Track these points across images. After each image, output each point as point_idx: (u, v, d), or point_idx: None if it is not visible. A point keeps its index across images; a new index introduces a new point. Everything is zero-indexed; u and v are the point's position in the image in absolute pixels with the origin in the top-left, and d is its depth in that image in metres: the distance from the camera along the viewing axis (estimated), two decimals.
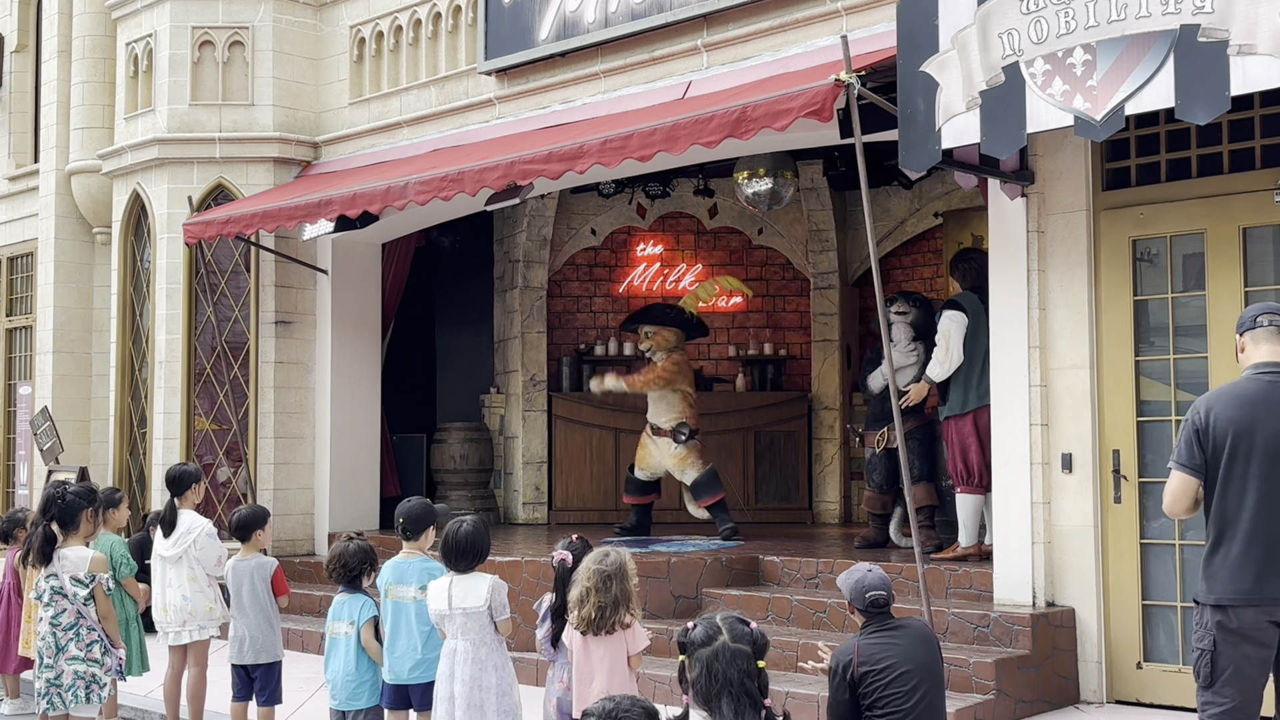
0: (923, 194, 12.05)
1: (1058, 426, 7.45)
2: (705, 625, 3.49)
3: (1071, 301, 7.42)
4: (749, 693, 3.39)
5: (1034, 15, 6.31)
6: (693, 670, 3.44)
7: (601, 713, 3.06)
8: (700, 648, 3.44)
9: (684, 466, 10.57)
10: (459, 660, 5.58)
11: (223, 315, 11.58)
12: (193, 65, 11.68)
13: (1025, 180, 7.49)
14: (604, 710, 3.06)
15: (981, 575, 7.84)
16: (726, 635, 3.44)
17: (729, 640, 3.42)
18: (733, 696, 3.37)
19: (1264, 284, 6.89)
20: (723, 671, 3.37)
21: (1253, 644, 4.54)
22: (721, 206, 12.87)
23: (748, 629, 3.48)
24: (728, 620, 3.50)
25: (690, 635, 3.50)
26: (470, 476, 12.69)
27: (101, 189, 13.06)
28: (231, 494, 11.47)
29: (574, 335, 13.08)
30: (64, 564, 6.52)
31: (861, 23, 8.12)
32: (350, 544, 6.34)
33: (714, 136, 7.38)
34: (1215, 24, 5.72)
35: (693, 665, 3.44)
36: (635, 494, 10.93)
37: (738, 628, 3.47)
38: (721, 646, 3.41)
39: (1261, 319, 4.72)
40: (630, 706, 3.07)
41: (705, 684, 3.39)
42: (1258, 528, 4.53)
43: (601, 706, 3.07)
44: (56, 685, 6.47)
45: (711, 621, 3.49)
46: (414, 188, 9.09)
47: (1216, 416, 4.62)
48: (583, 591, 5.14)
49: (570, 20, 9.78)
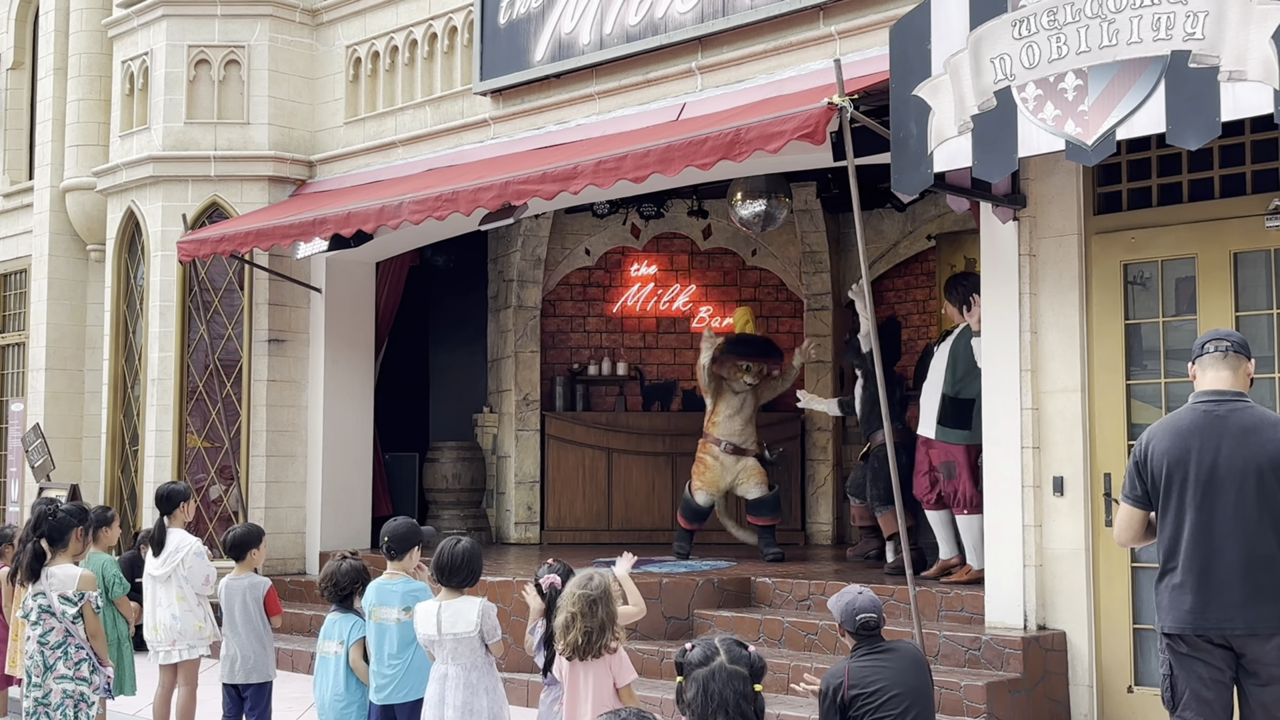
0: (915, 217, 12.08)
1: (1049, 450, 7.46)
2: (703, 646, 3.49)
3: (1063, 325, 7.44)
4: (744, 715, 3.39)
5: (1026, 40, 6.34)
6: (689, 690, 3.43)
7: None
8: (697, 668, 3.44)
9: (751, 483, 10.40)
10: (450, 685, 5.55)
11: (216, 333, 11.58)
12: (188, 84, 11.71)
13: (1017, 204, 7.52)
14: None
15: (973, 598, 7.84)
16: (724, 657, 3.44)
17: (726, 662, 3.42)
18: (728, 718, 3.37)
19: (1255, 308, 6.92)
20: (719, 692, 3.37)
21: (1204, 665, 4.64)
22: (715, 227, 12.90)
23: (745, 651, 3.48)
24: (725, 642, 3.49)
25: (688, 656, 3.50)
26: (463, 496, 12.67)
27: (96, 206, 13.07)
28: (223, 512, 11.45)
29: (568, 355, 13.09)
30: (52, 582, 6.49)
31: (855, 46, 8.16)
32: (343, 563, 6.33)
33: (708, 158, 7.41)
34: (1206, 50, 5.76)
35: (689, 685, 3.44)
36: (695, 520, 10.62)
37: (735, 650, 3.47)
38: (718, 667, 3.41)
39: (1208, 346, 4.79)
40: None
41: (701, 705, 3.38)
42: (1193, 557, 4.63)
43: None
44: (45, 704, 6.44)
45: (709, 643, 3.49)
46: (408, 207, 9.11)
47: (1154, 448, 4.73)
48: (568, 617, 5.08)
49: (565, 42, 9.82)
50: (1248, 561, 4.57)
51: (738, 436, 10.45)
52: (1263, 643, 4.56)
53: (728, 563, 10.09)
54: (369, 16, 11.55)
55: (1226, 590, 4.57)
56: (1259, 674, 4.61)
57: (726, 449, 10.44)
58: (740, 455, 10.44)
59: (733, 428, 10.47)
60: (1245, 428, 4.62)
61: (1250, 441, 4.60)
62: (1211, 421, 4.66)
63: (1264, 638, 4.56)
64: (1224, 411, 4.66)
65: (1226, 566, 4.58)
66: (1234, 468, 4.59)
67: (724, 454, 10.44)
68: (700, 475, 10.49)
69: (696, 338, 13.01)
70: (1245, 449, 4.59)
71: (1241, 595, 4.56)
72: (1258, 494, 4.57)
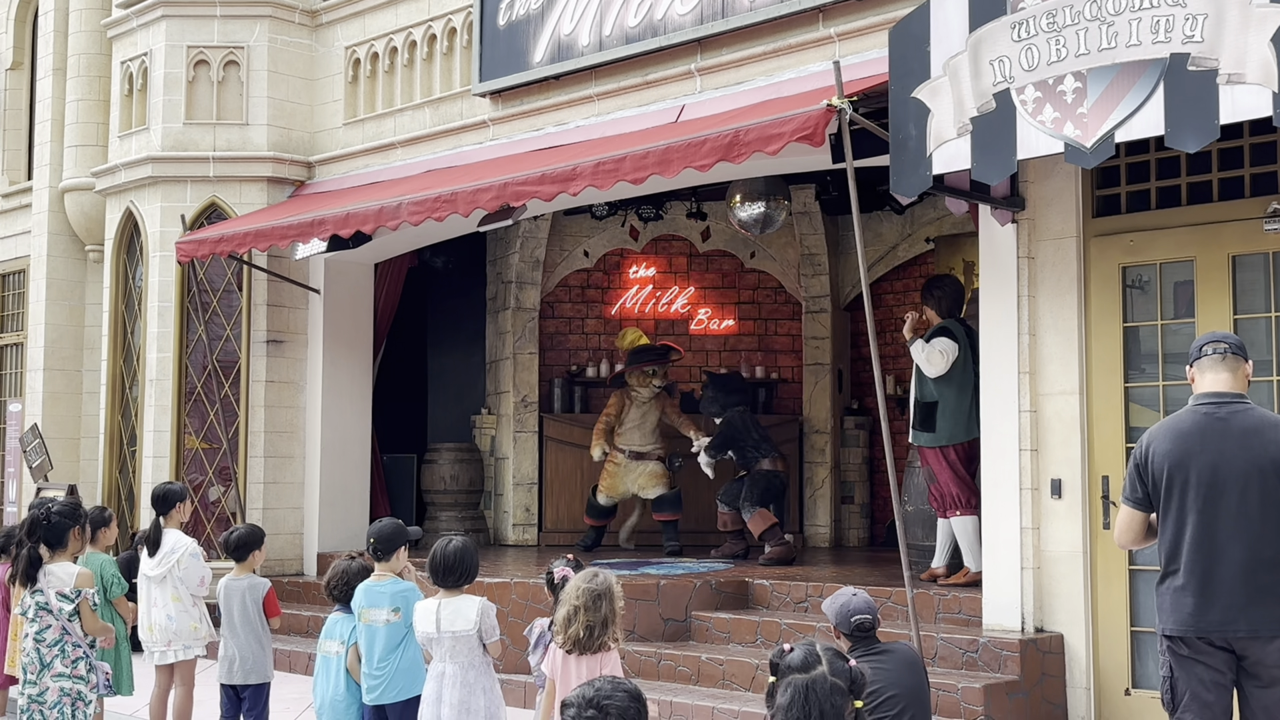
0: (914, 219, 12.09)
1: (1047, 452, 7.46)
2: (804, 651, 3.30)
3: (1062, 327, 7.44)
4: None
5: (1025, 43, 6.34)
6: (784, 694, 3.23)
7: (580, 700, 2.92)
8: (796, 673, 3.23)
9: (651, 484, 11.51)
10: (447, 683, 5.55)
11: (214, 334, 11.57)
12: (187, 84, 11.70)
13: (1016, 206, 7.52)
14: (583, 698, 2.92)
15: (970, 600, 7.83)
16: (826, 666, 3.23)
17: (828, 672, 3.22)
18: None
19: (1253, 311, 6.92)
20: (818, 703, 3.17)
21: (1204, 667, 4.64)
22: (714, 230, 12.89)
23: (847, 666, 3.30)
24: (828, 651, 3.30)
25: (787, 658, 3.30)
26: (460, 497, 12.66)
27: (95, 206, 13.07)
28: (221, 513, 11.44)
29: (566, 357, 13.08)
30: (50, 579, 6.48)
31: (854, 49, 8.16)
32: (353, 563, 6.37)
33: (707, 160, 7.41)
34: (1205, 53, 5.76)
35: (783, 688, 3.23)
36: (598, 517, 11.77)
37: (837, 662, 3.28)
38: (820, 677, 3.20)
39: (1206, 348, 4.80)
40: (612, 691, 2.95)
41: (799, 713, 3.17)
42: (1195, 559, 4.63)
43: (580, 694, 2.94)
44: (40, 702, 6.43)
45: (810, 648, 3.30)
46: (407, 208, 9.11)
47: (1155, 451, 4.73)
48: (570, 610, 5.08)
49: (565, 43, 9.82)
50: (1250, 564, 4.56)
51: (638, 444, 11.57)
52: (1265, 645, 4.56)
53: (725, 564, 10.11)
54: (368, 18, 11.55)
55: (1229, 593, 4.57)
56: (1260, 676, 4.61)
57: (629, 455, 11.53)
58: (641, 460, 11.51)
59: (633, 438, 11.57)
60: (1247, 429, 4.62)
61: (1252, 443, 4.60)
62: (1213, 423, 4.66)
63: (1266, 640, 4.55)
64: (1225, 414, 4.66)
65: (1229, 569, 4.58)
66: (1236, 470, 4.59)
67: (626, 459, 11.53)
68: (603, 480, 11.64)
69: (696, 340, 13.04)
70: (1247, 451, 4.59)
71: (1244, 598, 4.56)
72: (1260, 496, 4.57)
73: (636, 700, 2.98)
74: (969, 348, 8.45)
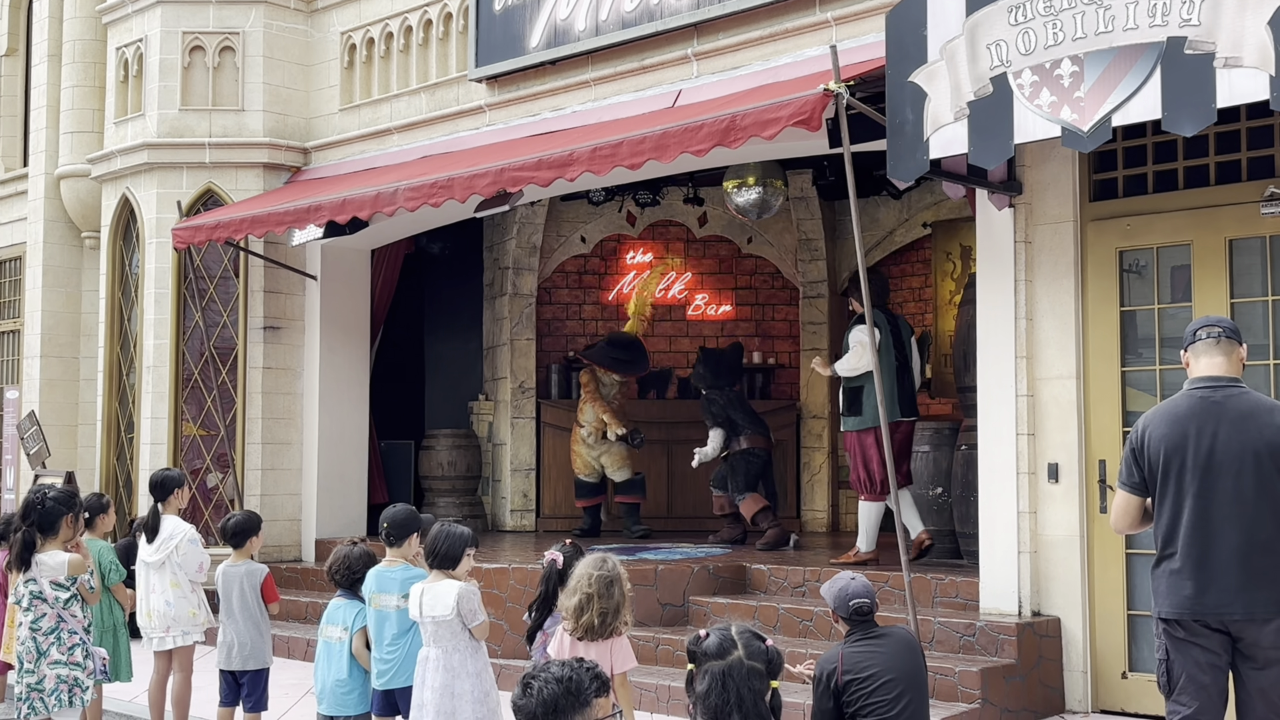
0: (911, 204, 12.08)
1: (1044, 436, 7.47)
2: (719, 636, 3.29)
3: (1059, 312, 7.44)
4: (760, 714, 3.23)
5: (1022, 27, 6.33)
6: (701, 682, 3.24)
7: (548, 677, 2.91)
8: (712, 659, 3.24)
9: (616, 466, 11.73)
10: (430, 667, 5.56)
11: (211, 320, 11.56)
12: (183, 70, 11.67)
13: (1013, 191, 7.52)
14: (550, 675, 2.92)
15: (967, 584, 7.85)
16: (741, 651, 3.24)
17: (744, 657, 3.24)
18: (744, 716, 3.20)
19: (1250, 295, 6.92)
20: (736, 689, 3.19)
21: (1200, 650, 4.65)
22: (711, 215, 12.88)
23: (763, 645, 3.30)
24: (743, 634, 3.30)
25: (703, 645, 3.30)
26: (458, 483, 12.67)
27: (90, 193, 13.05)
28: (219, 500, 11.45)
29: (563, 343, 13.08)
30: (42, 568, 6.49)
31: (851, 33, 8.14)
32: (355, 548, 6.37)
33: (703, 145, 7.40)
34: (1202, 36, 5.75)
35: (701, 677, 3.24)
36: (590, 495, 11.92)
37: (753, 644, 3.28)
38: (735, 663, 3.22)
39: (1200, 332, 4.80)
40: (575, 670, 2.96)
41: (717, 700, 3.20)
42: (1191, 543, 4.63)
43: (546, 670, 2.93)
44: (38, 690, 6.44)
45: (726, 633, 3.30)
46: (404, 194, 9.09)
47: (1151, 435, 4.73)
48: (583, 599, 5.01)
49: (561, 28, 9.80)
50: (1246, 546, 4.57)
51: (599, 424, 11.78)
52: (1260, 627, 4.57)
53: (723, 549, 10.12)
54: (364, 3, 11.52)
55: (1225, 575, 4.58)
56: (1256, 658, 4.62)
57: (591, 434, 11.77)
58: (604, 440, 11.75)
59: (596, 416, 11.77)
60: (1242, 413, 4.63)
61: (1248, 427, 4.61)
62: (1208, 407, 4.67)
63: (1262, 622, 4.57)
64: (1220, 397, 4.67)
65: (1225, 552, 4.59)
66: (1231, 453, 4.60)
67: (590, 437, 11.77)
68: (574, 461, 11.93)
69: (693, 325, 13.04)
70: (1243, 434, 4.60)
71: (1240, 580, 4.57)
72: (1256, 479, 4.58)
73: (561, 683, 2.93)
74: (889, 333, 8.94)
